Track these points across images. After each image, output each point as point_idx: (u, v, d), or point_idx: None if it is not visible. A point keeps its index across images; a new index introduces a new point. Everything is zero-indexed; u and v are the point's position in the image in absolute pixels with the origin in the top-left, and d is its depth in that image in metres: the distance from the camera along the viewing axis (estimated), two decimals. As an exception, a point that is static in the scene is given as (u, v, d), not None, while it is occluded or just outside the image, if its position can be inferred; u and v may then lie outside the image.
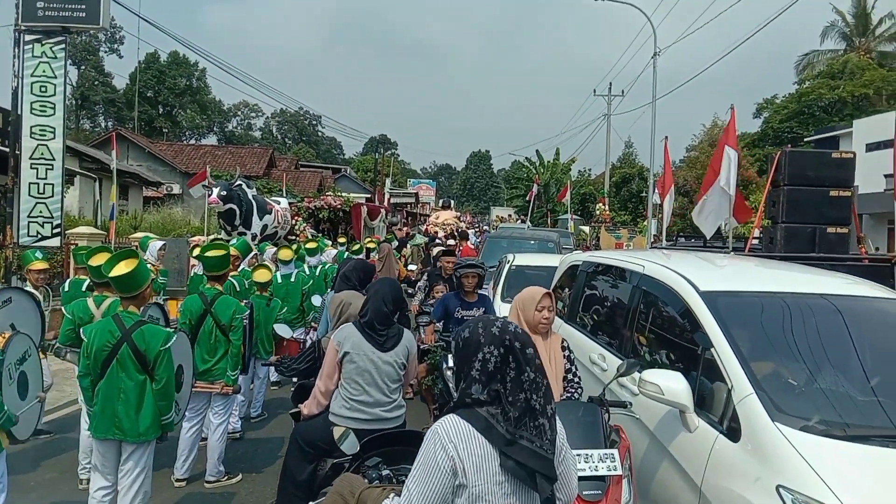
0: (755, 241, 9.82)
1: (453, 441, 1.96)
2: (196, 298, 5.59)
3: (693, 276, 4.09)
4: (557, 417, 2.10)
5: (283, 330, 6.32)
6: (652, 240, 18.75)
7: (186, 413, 5.40)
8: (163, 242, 9.12)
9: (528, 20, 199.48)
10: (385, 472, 2.87)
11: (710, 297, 3.79)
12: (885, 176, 10.66)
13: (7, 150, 12.22)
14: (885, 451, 2.84)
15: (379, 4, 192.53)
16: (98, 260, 5.41)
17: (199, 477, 5.55)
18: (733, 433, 3.17)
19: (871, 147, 24.74)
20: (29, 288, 6.14)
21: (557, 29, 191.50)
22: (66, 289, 6.66)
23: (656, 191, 18.44)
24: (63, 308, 5.51)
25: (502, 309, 6.70)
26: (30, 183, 11.93)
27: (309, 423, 4.05)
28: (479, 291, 6.59)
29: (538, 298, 4.09)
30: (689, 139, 45.75)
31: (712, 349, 3.50)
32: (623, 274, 5.21)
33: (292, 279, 8.62)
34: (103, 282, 5.43)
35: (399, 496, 2.16)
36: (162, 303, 7.70)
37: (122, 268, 4.09)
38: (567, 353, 4.18)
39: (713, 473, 3.18)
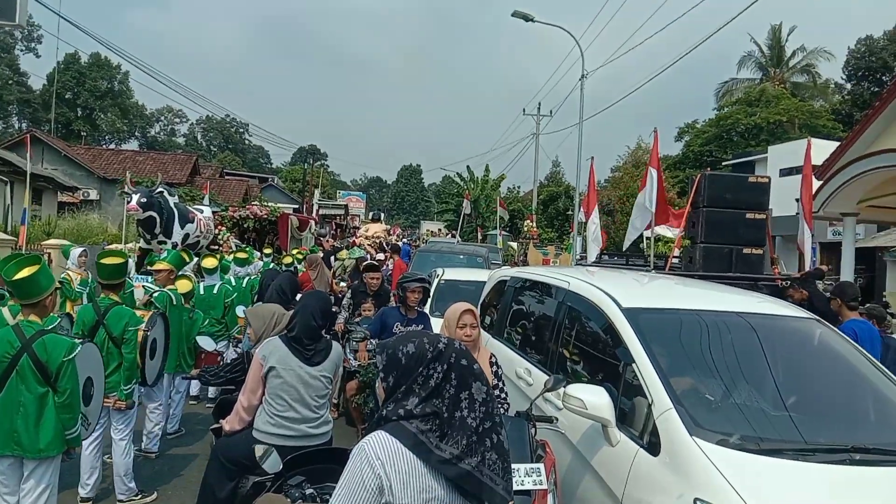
0: (675, 260, 10.15)
1: (381, 458, 1.91)
2: (89, 308, 5.30)
3: (615, 292, 4.17)
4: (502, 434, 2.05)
5: (205, 342, 6.10)
6: (577, 257, 19.13)
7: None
8: (82, 249, 8.74)
9: (459, 38, 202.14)
10: (308, 491, 2.79)
11: (631, 314, 3.87)
12: (796, 200, 11.32)
13: None
14: (797, 465, 2.95)
15: (309, 17, 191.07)
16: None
17: (108, 496, 5.30)
18: (653, 447, 3.23)
19: (784, 172, 26.14)
20: None
21: (488, 48, 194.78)
22: None
23: (582, 209, 18.85)
24: None
25: (433, 324, 6.65)
26: (-68, 184, 11.25)
27: (230, 439, 3.92)
28: (419, 308, 6.44)
29: (458, 314, 4.15)
30: (615, 160, 47.25)
31: (633, 364, 3.56)
32: (549, 290, 5.28)
33: (215, 291, 8.37)
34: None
35: None
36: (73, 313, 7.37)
37: (23, 273, 3.89)
38: (495, 368, 4.20)
39: (634, 487, 3.23)
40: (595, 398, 3.43)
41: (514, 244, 31.24)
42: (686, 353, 3.85)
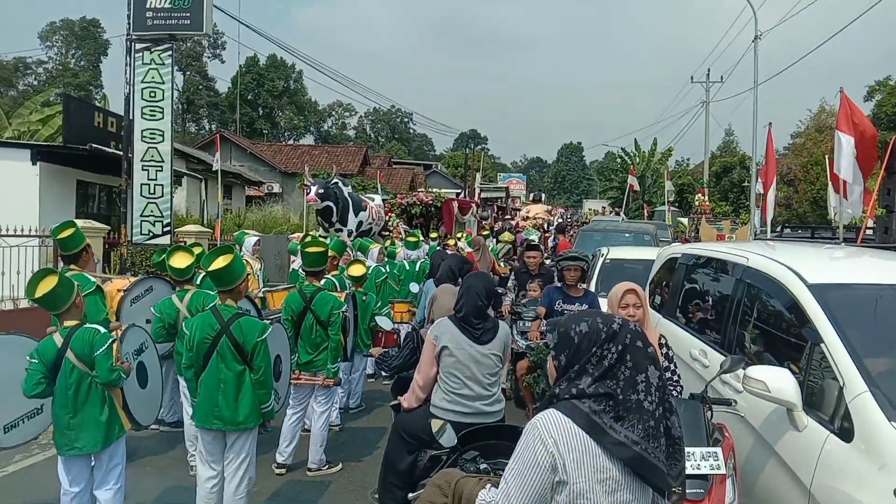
0: (869, 232, 9.25)
1: (553, 437, 1.91)
2: (296, 295, 5.79)
3: (801, 267, 3.91)
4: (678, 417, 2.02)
5: (383, 322, 6.46)
6: (756, 231, 17.97)
7: (290, 402, 5.67)
8: (257, 238, 9.42)
9: (619, 6, 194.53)
10: (483, 466, 2.87)
11: (819, 290, 3.62)
12: None
13: (121, 153, 13.01)
14: None
15: (464, 2, 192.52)
16: (176, 260, 5.74)
17: (300, 466, 5.76)
18: (845, 433, 3.02)
19: None
20: None
21: (651, 14, 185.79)
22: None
23: (759, 180, 17.65)
24: (152, 307, 5.83)
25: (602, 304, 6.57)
26: (141, 184, 12.66)
27: (409, 415, 4.11)
28: (585, 287, 6.37)
29: (620, 295, 4.03)
30: (794, 125, 43.51)
31: (822, 344, 3.34)
32: (725, 267, 5.04)
33: (417, 267, 8.93)
34: (185, 279, 5.78)
35: (495, 487, 2.14)
36: (262, 296, 8.07)
37: (219, 262, 4.26)
38: (665, 349, 4.09)
39: (823, 475, 3.04)
40: (779, 380, 3.26)
41: (685, 220, 29.87)
42: (882, 331, 3.54)
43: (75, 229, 5.48)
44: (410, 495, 3.35)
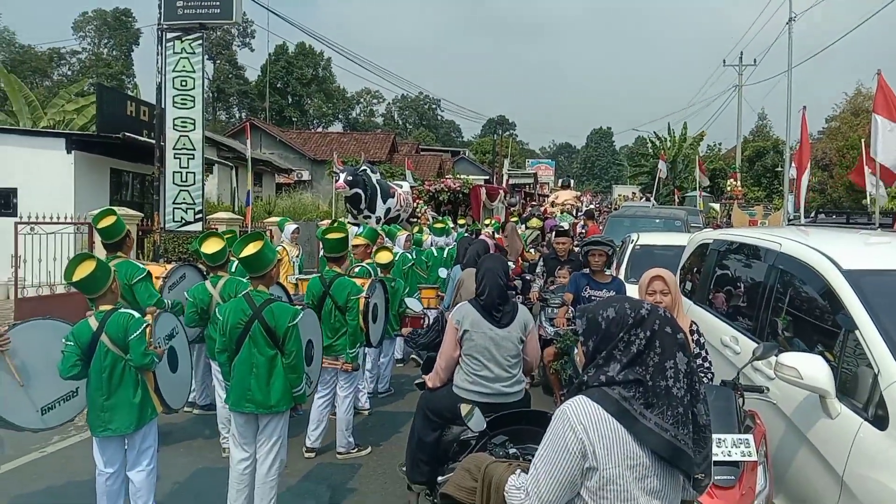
0: (907, 217, 9.01)
1: (583, 423, 1.93)
2: (317, 280, 5.86)
3: (835, 253, 3.84)
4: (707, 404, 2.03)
5: (413, 304, 6.50)
6: (789, 217, 17.66)
7: (317, 387, 5.75)
8: (296, 226, 9.54)
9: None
10: (512, 451, 2.87)
11: (853, 276, 3.55)
12: None
13: (153, 141, 13.19)
14: None
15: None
16: (209, 246, 5.80)
17: (329, 449, 5.85)
18: (880, 421, 2.97)
19: None
20: None
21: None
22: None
23: (793, 164, 17.31)
24: (185, 292, 5.93)
25: (627, 290, 6.51)
26: (174, 172, 12.84)
27: (434, 394, 4.22)
28: (612, 273, 6.35)
29: (647, 282, 3.98)
30: (830, 109, 42.54)
31: (856, 331, 3.28)
32: (758, 252, 4.97)
33: (445, 254, 8.95)
34: (217, 265, 5.86)
35: (525, 472, 2.16)
36: (296, 282, 8.16)
37: (249, 249, 4.31)
38: (696, 336, 4.05)
39: (857, 462, 2.99)
40: (812, 367, 3.22)
41: (716, 205, 29.46)
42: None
43: (116, 217, 5.56)
44: (440, 479, 3.37)
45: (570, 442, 1.94)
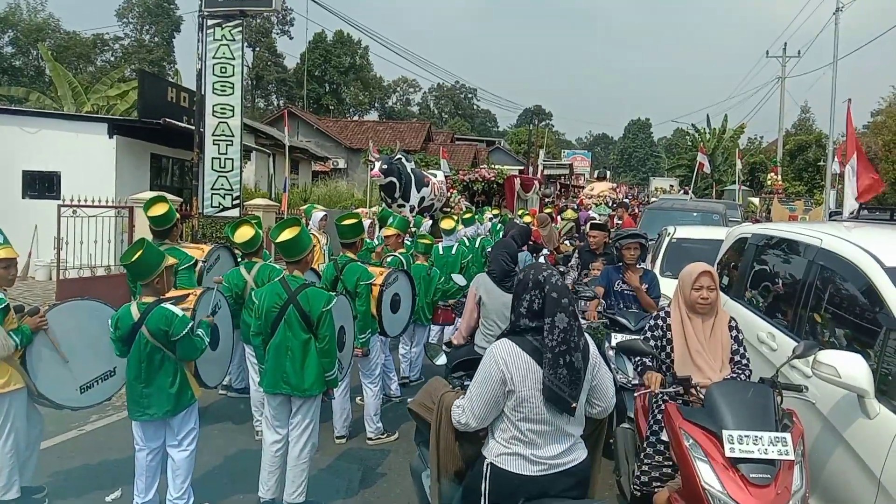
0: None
1: (504, 358, 2.73)
2: (331, 266, 5.92)
3: (878, 250, 3.74)
4: (589, 342, 2.84)
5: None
6: (830, 212, 17.26)
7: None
8: (324, 213, 9.56)
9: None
10: (466, 383, 3.25)
11: (897, 274, 3.45)
12: None
13: (193, 127, 13.36)
14: None
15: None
16: (242, 234, 5.87)
17: (358, 435, 5.92)
18: (922, 422, 2.89)
19: None
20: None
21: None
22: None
23: (836, 159, 16.89)
24: (221, 276, 5.97)
25: (662, 284, 6.41)
26: (212, 158, 12.99)
27: (457, 351, 4.85)
28: (644, 266, 6.22)
29: (695, 276, 3.90)
30: (875, 103, 41.28)
31: (899, 330, 3.19)
32: (797, 248, 4.86)
33: (453, 251, 8.81)
34: (251, 251, 5.92)
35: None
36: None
37: (286, 234, 4.38)
38: (735, 332, 3.97)
39: (895, 465, 2.92)
40: (851, 366, 3.15)
41: (756, 199, 28.91)
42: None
43: (169, 206, 5.64)
44: (409, 399, 3.79)
45: (493, 373, 2.73)
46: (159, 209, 5.60)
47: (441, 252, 8.69)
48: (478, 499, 2.82)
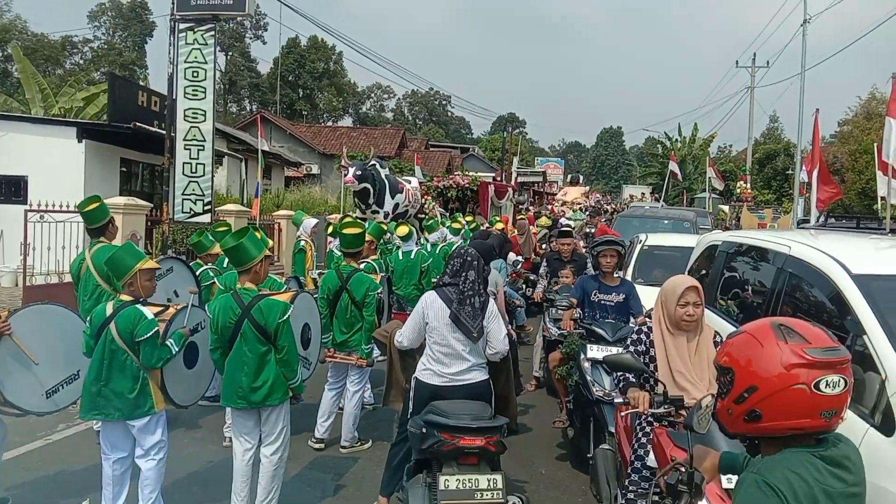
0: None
1: (426, 303, 4.26)
2: (333, 275, 5.84)
3: (844, 257, 3.81)
4: (490, 301, 4.30)
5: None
6: (798, 220, 17.57)
7: (329, 379, 5.87)
8: (316, 221, 9.45)
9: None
10: None
11: (863, 281, 3.53)
12: None
13: (164, 132, 13.21)
14: None
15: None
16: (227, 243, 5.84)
17: (334, 442, 5.89)
18: (887, 427, 2.95)
19: None
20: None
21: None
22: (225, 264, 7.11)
23: (804, 168, 17.20)
24: (216, 279, 5.92)
25: (638, 292, 6.36)
26: (183, 163, 12.84)
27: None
28: (621, 275, 6.04)
29: (680, 292, 3.62)
30: (842, 113, 42.16)
31: (864, 337, 3.26)
32: (766, 255, 4.94)
33: (412, 256, 8.81)
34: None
35: None
36: (317, 277, 8.15)
37: (228, 241, 4.29)
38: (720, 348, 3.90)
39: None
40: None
41: (726, 207, 29.32)
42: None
43: (100, 203, 5.66)
44: (375, 332, 5.18)
45: (418, 312, 4.27)
46: (91, 206, 5.60)
47: (401, 257, 8.70)
48: (408, 402, 4.28)
